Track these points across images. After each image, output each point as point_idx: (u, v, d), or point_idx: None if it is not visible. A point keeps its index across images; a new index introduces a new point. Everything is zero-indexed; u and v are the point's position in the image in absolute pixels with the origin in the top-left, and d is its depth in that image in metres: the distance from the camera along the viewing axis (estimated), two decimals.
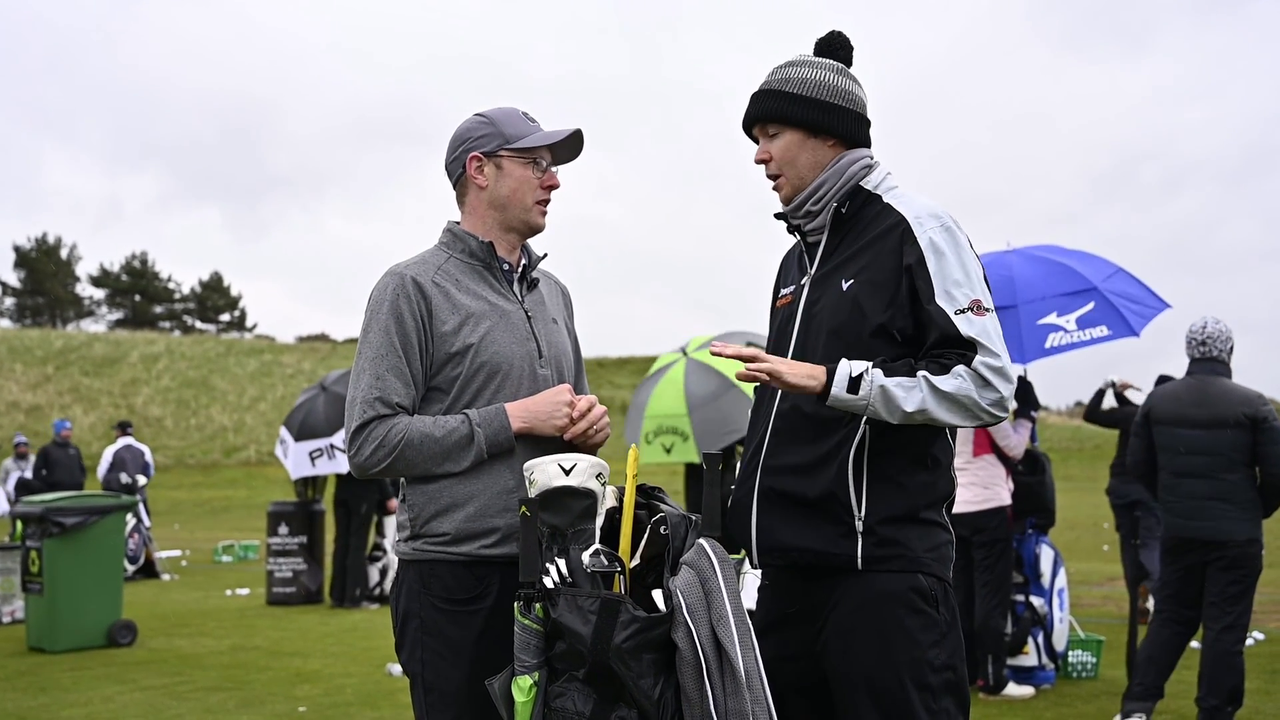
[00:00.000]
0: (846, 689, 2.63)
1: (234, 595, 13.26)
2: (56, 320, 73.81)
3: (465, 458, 2.69)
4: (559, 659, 2.45)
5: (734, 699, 2.34)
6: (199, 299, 79.82)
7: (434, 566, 2.74)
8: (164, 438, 42.34)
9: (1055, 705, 6.64)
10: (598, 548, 2.52)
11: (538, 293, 2.96)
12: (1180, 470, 5.76)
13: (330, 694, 7.21)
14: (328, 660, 8.52)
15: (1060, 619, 7.30)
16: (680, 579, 2.43)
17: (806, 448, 2.68)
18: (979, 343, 2.56)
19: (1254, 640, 8.70)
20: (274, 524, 12.68)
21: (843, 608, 2.64)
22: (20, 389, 45.87)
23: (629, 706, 2.39)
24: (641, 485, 2.65)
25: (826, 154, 2.79)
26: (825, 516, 2.62)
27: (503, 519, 2.72)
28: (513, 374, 2.79)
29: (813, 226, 2.83)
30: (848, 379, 2.53)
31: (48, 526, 9.22)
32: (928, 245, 2.63)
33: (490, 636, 2.69)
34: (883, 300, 2.65)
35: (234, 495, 36.14)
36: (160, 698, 7.20)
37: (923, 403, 2.52)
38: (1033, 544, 7.42)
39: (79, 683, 7.76)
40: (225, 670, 8.16)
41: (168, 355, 53.25)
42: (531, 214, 2.87)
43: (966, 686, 2.69)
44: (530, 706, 2.44)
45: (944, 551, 2.69)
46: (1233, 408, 5.65)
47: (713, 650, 2.37)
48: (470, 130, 2.88)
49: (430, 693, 2.72)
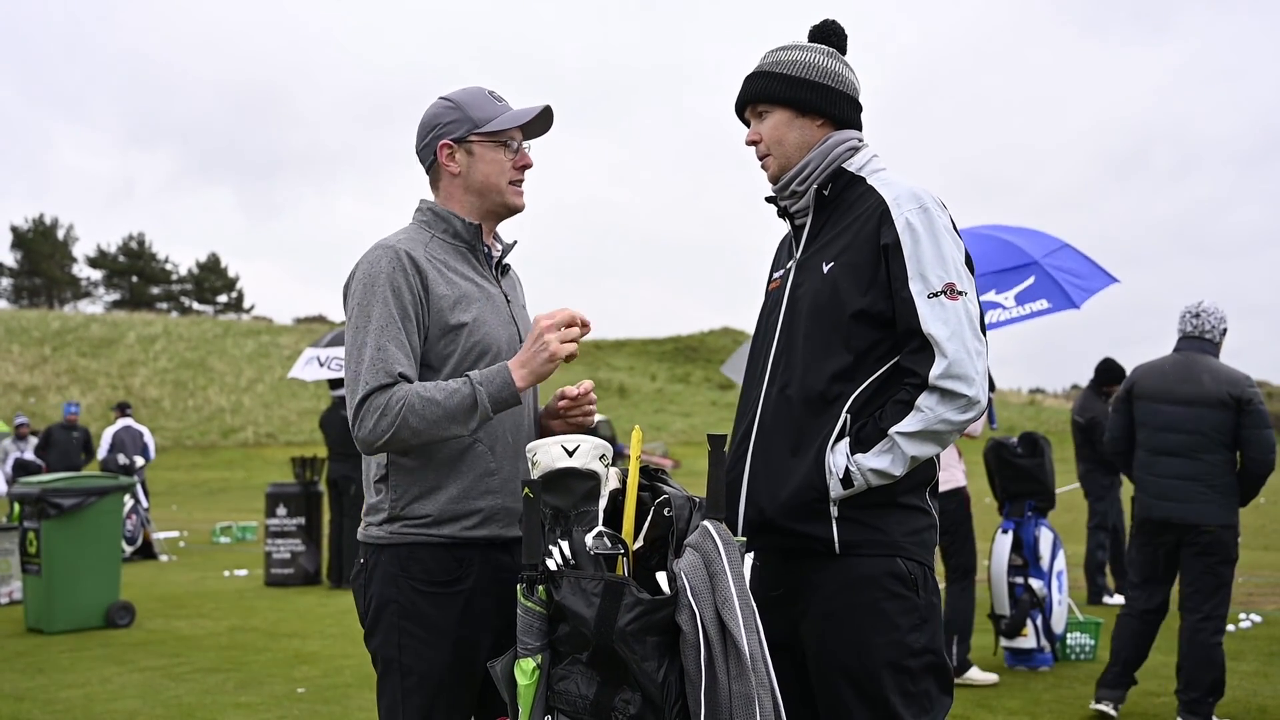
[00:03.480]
0: (824, 672, 2.64)
1: (232, 576, 13.27)
2: (54, 301, 73.74)
3: (471, 419, 2.62)
4: (562, 641, 2.44)
5: (739, 682, 2.32)
6: (196, 280, 79.77)
7: (414, 549, 2.71)
8: (162, 419, 42.34)
9: (1053, 687, 6.65)
10: (601, 530, 2.51)
11: (510, 278, 2.98)
12: (1158, 448, 5.64)
13: (329, 675, 7.22)
14: (326, 641, 8.53)
15: (1059, 601, 7.31)
16: (684, 561, 2.41)
17: (791, 434, 2.68)
18: (938, 341, 2.54)
19: (1251, 623, 8.72)
20: (272, 505, 12.69)
21: (822, 592, 2.65)
22: (18, 370, 45.82)
23: (632, 689, 2.38)
24: (645, 467, 2.64)
25: (815, 134, 2.80)
26: (806, 501, 2.62)
27: (485, 501, 2.71)
28: (500, 357, 2.76)
29: (798, 208, 2.84)
30: (840, 481, 2.58)
31: (45, 508, 9.21)
32: (904, 227, 2.62)
33: (471, 617, 2.67)
34: (862, 283, 2.64)
35: (232, 476, 36.17)
36: (158, 679, 7.20)
37: (905, 457, 2.56)
38: (1032, 527, 7.42)
39: (77, 664, 7.76)
40: (223, 651, 8.16)
41: (165, 336, 53.23)
42: (507, 195, 2.84)
43: (949, 669, 2.68)
44: (533, 689, 2.43)
45: (925, 536, 2.69)
46: (1219, 386, 5.51)
47: (717, 633, 2.35)
48: (438, 116, 2.83)
49: (408, 676, 2.70)
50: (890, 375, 2.64)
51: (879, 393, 2.64)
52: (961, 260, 2.66)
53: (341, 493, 11.97)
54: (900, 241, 2.61)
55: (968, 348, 2.57)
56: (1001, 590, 7.29)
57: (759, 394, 2.79)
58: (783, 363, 2.75)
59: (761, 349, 2.85)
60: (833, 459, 2.60)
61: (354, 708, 6.28)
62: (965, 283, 2.63)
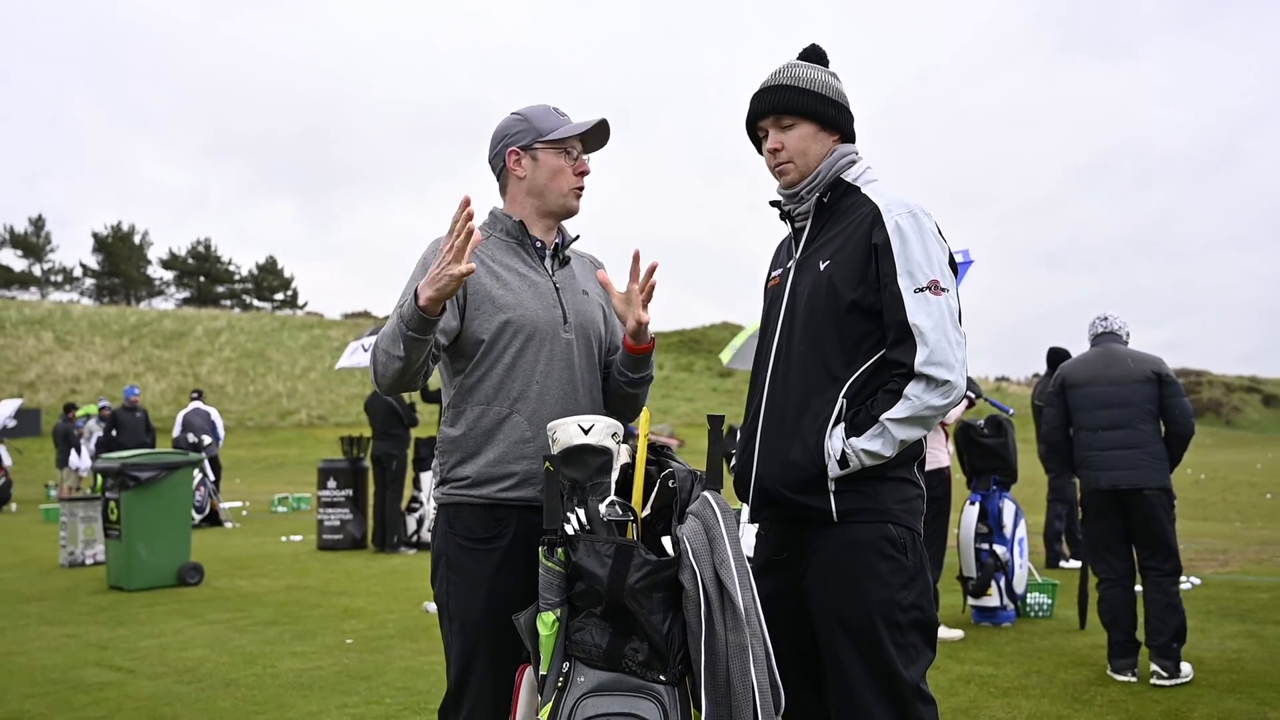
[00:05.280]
0: (825, 626, 2.64)
1: (288, 541, 13.32)
2: (130, 299, 73.94)
3: (398, 339, 2.57)
4: (579, 597, 2.45)
5: (734, 633, 2.33)
6: (256, 280, 79.89)
7: (458, 509, 2.73)
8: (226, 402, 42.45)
9: (1015, 641, 6.65)
10: (613, 499, 2.51)
11: (569, 269, 2.94)
12: (1098, 424, 5.61)
13: (374, 628, 7.25)
14: (371, 599, 8.56)
15: (1020, 565, 7.30)
16: (686, 527, 2.42)
17: (795, 415, 2.68)
18: (922, 331, 2.54)
19: (1191, 584, 8.70)
20: (323, 479, 12.73)
21: (822, 554, 2.64)
22: (99, 359, 46.02)
23: (640, 639, 2.39)
24: (652, 444, 2.64)
25: (829, 147, 2.80)
26: (809, 475, 2.62)
27: (519, 465, 2.71)
28: (537, 335, 2.76)
29: (800, 212, 2.83)
30: (837, 463, 2.58)
31: (125, 480, 9.26)
32: (894, 229, 2.62)
33: (506, 571, 2.68)
34: (855, 278, 2.64)
35: (288, 454, 36.28)
36: (224, 630, 7.25)
37: (895, 440, 2.56)
38: (996, 499, 7.42)
39: (153, 617, 7.82)
40: (281, 607, 8.21)
41: (229, 330, 53.34)
42: (567, 199, 2.86)
43: (933, 623, 2.69)
44: (553, 639, 2.44)
45: (914, 505, 2.69)
46: (1140, 366, 5.61)
47: (715, 590, 2.36)
48: (508, 127, 2.86)
49: (454, 620, 2.72)
50: (880, 364, 2.64)
51: (871, 379, 2.64)
52: (945, 261, 2.65)
53: (384, 468, 12.01)
54: (890, 242, 2.61)
55: (948, 338, 2.57)
56: (969, 555, 7.30)
57: (764, 380, 2.79)
58: (784, 352, 2.75)
59: (766, 340, 2.85)
60: (830, 443, 2.59)
61: (395, 656, 6.31)
62: (947, 280, 2.63)
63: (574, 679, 2.41)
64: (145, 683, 5.73)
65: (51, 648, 6.70)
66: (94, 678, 5.86)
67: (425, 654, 6.34)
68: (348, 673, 5.90)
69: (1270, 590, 8.48)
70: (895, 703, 2.55)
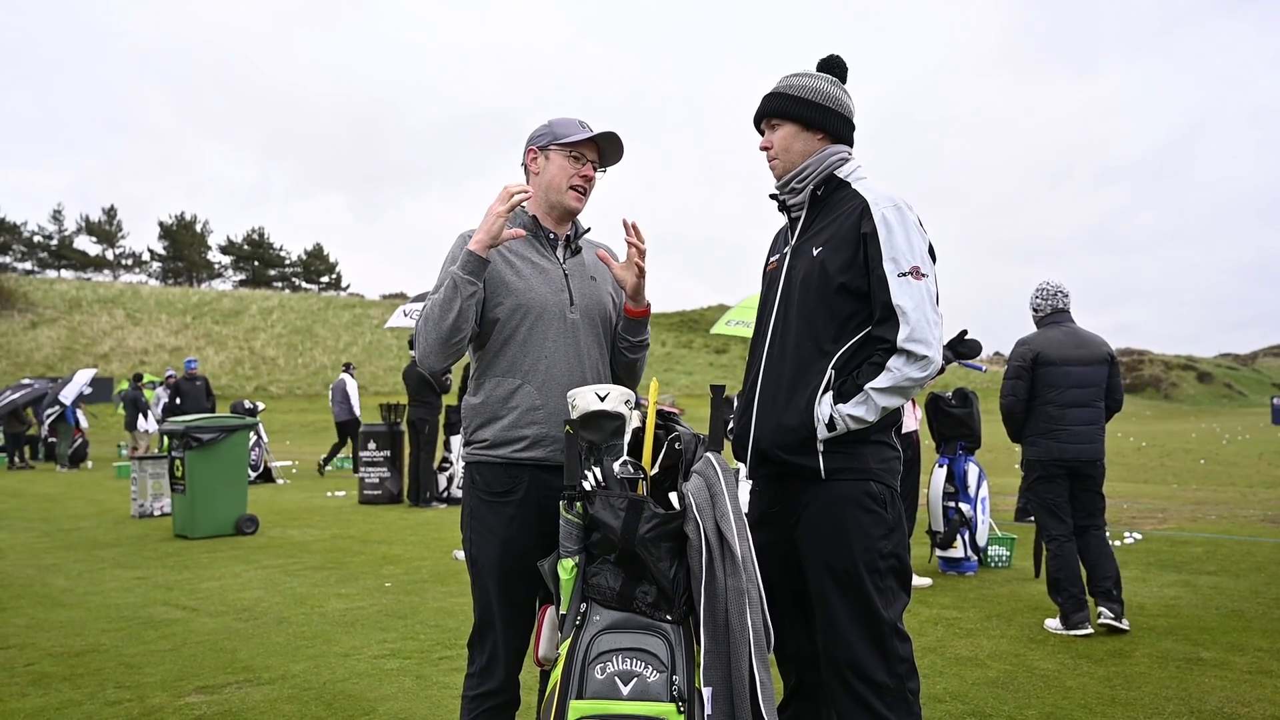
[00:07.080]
0: (814, 571, 2.64)
1: (333, 496, 13.36)
2: (193, 280, 73.96)
3: (455, 297, 2.60)
4: (595, 546, 2.44)
5: (733, 578, 2.33)
6: (304, 265, 79.81)
7: (480, 467, 2.74)
8: (277, 373, 42.55)
9: (977, 588, 6.66)
10: (626, 459, 2.51)
11: (580, 258, 2.92)
12: (1068, 402, 5.52)
13: (409, 573, 7.28)
14: (407, 547, 8.59)
15: (982, 521, 7.30)
16: (691, 484, 2.41)
17: (788, 383, 2.67)
18: (904, 311, 2.53)
19: (1134, 539, 8.70)
20: (364, 441, 12.77)
21: (811, 508, 2.64)
22: (165, 334, 46.11)
23: (649, 583, 2.39)
24: (660, 409, 2.63)
25: (815, 145, 2.79)
26: (800, 437, 2.62)
27: (530, 430, 2.70)
28: (545, 315, 2.75)
29: (795, 203, 2.83)
30: (825, 426, 2.57)
31: (189, 440, 9.29)
32: (880, 220, 2.60)
33: (518, 522, 2.68)
34: (844, 264, 2.63)
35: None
36: (277, 574, 7.28)
37: (877, 407, 2.55)
38: (962, 462, 7.41)
39: (213, 562, 7.85)
40: (327, 554, 8.24)
41: (280, 309, 53.35)
42: (565, 196, 2.83)
43: (909, 570, 2.69)
44: (572, 583, 2.45)
45: (892, 465, 2.68)
46: (1100, 347, 5.57)
47: (716, 540, 2.36)
48: (535, 131, 2.89)
49: (475, 564, 2.74)
50: (866, 339, 2.63)
51: (857, 354, 2.63)
52: (925, 249, 2.64)
53: (418, 431, 12.02)
54: (877, 231, 2.59)
55: (927, 318, 2.56)
56: (937, 511, 7.30)
57: (762, 353, 2.79)
58: (780, 328, 2.74)
59: (764, 317, 2.84)
60: (820, 409, 2.59)
61: (429, 598, 6.33)
62: (927, 267, 2.61)
63: (590, 618, 2.41)
64: (207, 620, 5.76)
65: (124, 588, 6.73)
66: (162, 615, 5.89)
67: (455, 596, 6.36)
68: (386, 612, 5.93)
69: (1203, 545, 8.47)
70: (876, 638, 2.56)
